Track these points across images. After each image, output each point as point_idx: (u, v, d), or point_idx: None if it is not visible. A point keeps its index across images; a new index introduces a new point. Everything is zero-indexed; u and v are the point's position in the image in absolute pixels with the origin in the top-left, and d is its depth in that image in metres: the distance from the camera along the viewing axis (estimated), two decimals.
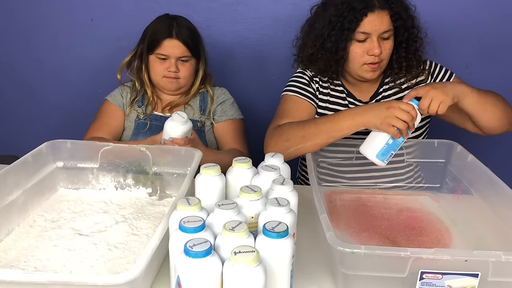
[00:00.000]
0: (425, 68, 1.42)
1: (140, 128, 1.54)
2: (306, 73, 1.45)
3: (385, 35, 1.30)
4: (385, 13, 1.29)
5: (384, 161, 1.18)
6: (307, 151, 1.24)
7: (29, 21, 1.90)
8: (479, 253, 0.82)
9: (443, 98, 1.15)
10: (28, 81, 2.00)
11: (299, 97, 1.40)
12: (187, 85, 1.55)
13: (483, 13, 1.80)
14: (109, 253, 0.97)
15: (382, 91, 1.43)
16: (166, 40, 1.45)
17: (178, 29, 1.46)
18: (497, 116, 1.27)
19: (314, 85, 1.43)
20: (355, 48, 1.31)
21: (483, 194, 1.14)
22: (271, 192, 0.94)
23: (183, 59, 1.48)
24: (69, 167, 1.25)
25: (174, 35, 1.45)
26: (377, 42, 1.29)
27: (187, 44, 1.46)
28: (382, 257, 0.82)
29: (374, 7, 1.28)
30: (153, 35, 1.47)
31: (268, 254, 0.77)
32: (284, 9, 1.83)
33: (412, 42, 1.37)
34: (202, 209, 0.86)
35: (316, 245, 1.04)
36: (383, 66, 1.35)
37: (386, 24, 1.29)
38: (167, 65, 1.47)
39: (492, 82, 1.87)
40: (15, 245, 1.01)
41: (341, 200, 1.28)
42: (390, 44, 1.33)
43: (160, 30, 1.47)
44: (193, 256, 0.71)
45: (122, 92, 1.58)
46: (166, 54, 1.46)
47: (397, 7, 1.30)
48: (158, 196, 1.24)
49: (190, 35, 1.48)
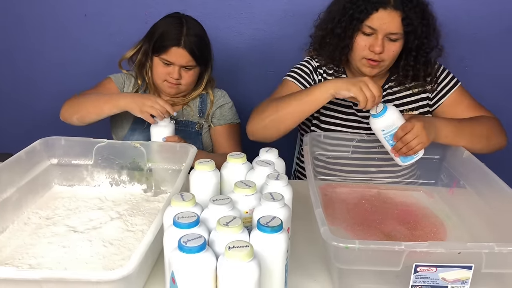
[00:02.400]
0: (432, 74, 1.39)
1: (138, 124, 1.51)
2: (312, 62, 1.43)
3: (392, 36, 1.26)
4: (397, 14, 1.24)
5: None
6: (282, 121, 1.23)
7: (23, 17, 1.89)
8: (472, 245, 0.83)
9: (425, 140, 1.17)
10: (21, 78, 1.99)
11: (296, 84, 1.40)
12: (188, 89, 1.52)
13: (478, 7, 1.80)
14: (104, 250, 0.97)
15: (388, 88, 1.41)
16: (173, 48, 1.40)
17: (187, 38, 1.40)
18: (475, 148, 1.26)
19: (317, 76, 1.42)
20: (359, 39, 1.29)
21: (478, 189, 1.15)
22: (266, 187, 0.94)
23: (187, 67, 1.44)
24: (64, 164, 1.25)
25: (182, 44, 1.40)
26: (381, 41, 1.26)
27: (194, 53, 1.42)
28: (376, 251, 0.82)
29: (387, 4, 1.24)
30: (161, 40, 1.42)
31: (262, 249, 0.77)
32: (279, 4, 1.83)
33: (423, 53, 1.32)
34: (196, 205, 0.86)
35: (312, 239, 1.04)
36: (383, 66, 1.32)
37: (395, 26, 1.25)
38: (170, 70, 1.43)
39: (487, 75, 1.89)
40: (10, 243, 1.00)
41: (337, 194, 1.28)
42: (396, 47, 1.29)
43: (168, 36, 1.41)
44: (187, 251, 0.71)
45: (126, 80, 1.55)
46: (171, 61, 1.42)
47: (411, 12, 1.24)
48: (153, 192, 1.24)
49: (198, 43, 1.43)
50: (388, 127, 1.19)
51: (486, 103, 1.43)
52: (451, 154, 1.29)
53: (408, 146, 1.18)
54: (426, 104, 1.41)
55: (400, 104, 1.40)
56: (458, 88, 1.39)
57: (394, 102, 1.39)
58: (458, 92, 1.39)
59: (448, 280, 0.84)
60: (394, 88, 1.41)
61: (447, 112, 1.39)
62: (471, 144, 1.26)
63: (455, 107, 1.38)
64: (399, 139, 1.18)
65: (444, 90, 1.39)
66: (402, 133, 1.17)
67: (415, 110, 1.39)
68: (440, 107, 1.40)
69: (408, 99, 1.40)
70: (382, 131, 1.20)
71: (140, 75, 1.53)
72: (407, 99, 1.40)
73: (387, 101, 1.39)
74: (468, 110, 1.37)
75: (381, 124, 1.20)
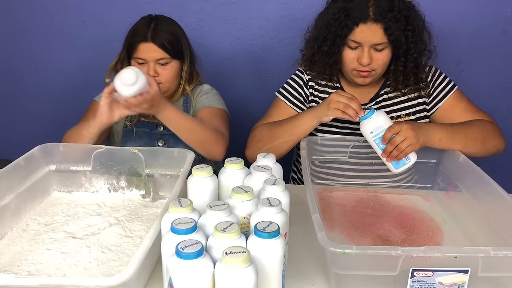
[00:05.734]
0: (427, 79, 1.39)
1: (128, 136, 1.50)
2: (303, 76, 1.45)
3: (377, 46, 1.27)
4: (378, 26, 1.25)
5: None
6: (277, 150, 1.29)
7: (21, 23, 1.90)
8: (468, 249, 0.83)
9: (414, 142, 1.18)
10: (19, 84, 1.99)
11: (286, 103, 1.44)
12: (172, 88, 1.48)
13: (473, 11, 1.81)
14: (103, 256, 0.98)
15: (384, 93, 1.42)
16: (142, 44, 1.38)
17: (154, 32, 1.38)
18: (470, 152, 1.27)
19: (308, 90, 1.44)
20: (346, 53, 1.31)
21: (474, 193, 1.15)
22: (263, 192, 0.94)
23: (162, 62, 1.40)
24: (62, 170, 1.25)
25: (149, 39, 1.37)
26: (367, 53, 1.27)
27: (164, 46, 1.38)
28: (373, 256, 0.83)
29: (367, 18, 1.24)
30: (130, 39, 1.41)
31: (260, 254, 0.77)
32: (276, 9, 1.84)
33: (411, 58, 1.32)
34: (194, 211, 0.86)
35: (309, 244, 1.05)
36: (375, 74, 1.33)
37: (378, 37, 1.26)
38: (145, 69, 1.37)
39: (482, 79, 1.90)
40: (8, 250, 1.00)
41: (334, 198, 1.29)
42: (384, 56, 1.29)
43: (136, 34, 1.40)
44: (185, 257, 0.71)
45: None
46: (143, 58, 1.39)
47: (392, 22, 1.24)
48: (151, 198, 1.24)
49: (168, 36, 1.40)
50: (377, 130, 1.21)
51: (482, 106, 1.43)
52: (447, 158, 1.30)
53: (398, 148, 1.18)
54: (423, 109, 1.41)
55: (396, 110, 1.40)
56: (455, 92, 1.40)
57: (391, 108, 1.40)
58: (455, 96, 1.39)
59: (445, 284, 0.84)
60: (390, 93, 1.42)
61: (445, 116, 1.39)
62: (466, 147, 1.26)
63: (452, 110, 1.39)
64: (388, 141, 1.19)
65: (441, 95, 1.39)
66: (390, 134, 1.19)
67: (412, 115, 1.40)
68: (438, 111, 1.40)
69: (404, 104, 1.41)
70: (370, 133, 1.22)
71: None
72: (403, 104, 1.41)
73: (384, 106, 1.40)
74: (465, 113, 1.38)
75: (369, 127, 1.22)
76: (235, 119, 1.64)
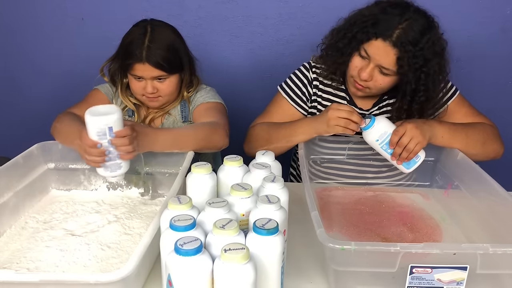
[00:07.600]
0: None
1: None
2: (308, 74, 1.41)
3: (384, 70, 1.22)
4: (393, 51, 1.18)
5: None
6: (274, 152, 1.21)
7: (20, 21, 1.89)
8: (467, 246, 0.84)
9: (421, 140, 1.18)
10: (18, 82, 1.99)
11: (287, 101, 1.41)
12: (171, 99, 1.43)
13: (472, 9, 1.81)
14: (102, 253, 0.98)
15: (387, 98, 1.39)
16: (137, 65, 1.30)
17: (149, 51, 1.29)
18: (470, 153, 1.25)
19: (312, 89, 1.41)
20: (354, 59, 1.27)
21: (472, 191, 1.16)
22: (262, 189, 0.94)
23: (160, 79, 1.34)
24: (61, 168, 1.25)
25: (144, 59, 1.28)
26: (370, 69, 1.23)
27: (160, 66, 1.30)
28: (372, 253, 0.83)
29: (387, 37, 1.17)
30: (125, 57, 1.33)
31: (259, 251, 0.77)
32: (275, 7, 1.83)
33: (418, 100, 1.25)
34: (193, 208, 0.86)
35: (308, 241, 1.05)
36: (369, 92, 1.30)
37: (388, 61, 1.19)
38: (143, 85, 1.34)
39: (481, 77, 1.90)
40: (7, 247, 1.01)
41: (332, 197, 1.29)
42: (385, 81, 1.25)
43: (131, 53, 1.31)
44: (183, 254, 0.71)
45: (113, 88, 1.50)
46: (140, 76, 1.33)
47: (409, 56, 1.17)
48: (150, 196, 1.24)
49: (164, 54, 1.31)
50: (382, 136, 1.20)
51: (481, 104, 1.43)
52: (445, 156, 1.30)
53: (406, 149, 1.18)
54: None
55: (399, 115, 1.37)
56: (457, 97, 1.37)
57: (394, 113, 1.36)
58: (457, 101, 1.37)
59: (444, 281, 0.85)
60: (394, 99, 1.37)
61: (446, 120, 1.37)
62: (466, 147, 1.26)
63: (454, 115, 1.37)
64: (395, 145, 1.18)
65: (442, 100, 1.36)
66: (397, 138, 1.18)
67: None
68: (438, 116, 1.38)
69: None
70: (376, 141, 1.21)
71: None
72: None
73: (385, 112, 1.38)
74: (466, 117, 1.36)
75: (374, 135, 1.21)
76: (233, 117, 1.64)
